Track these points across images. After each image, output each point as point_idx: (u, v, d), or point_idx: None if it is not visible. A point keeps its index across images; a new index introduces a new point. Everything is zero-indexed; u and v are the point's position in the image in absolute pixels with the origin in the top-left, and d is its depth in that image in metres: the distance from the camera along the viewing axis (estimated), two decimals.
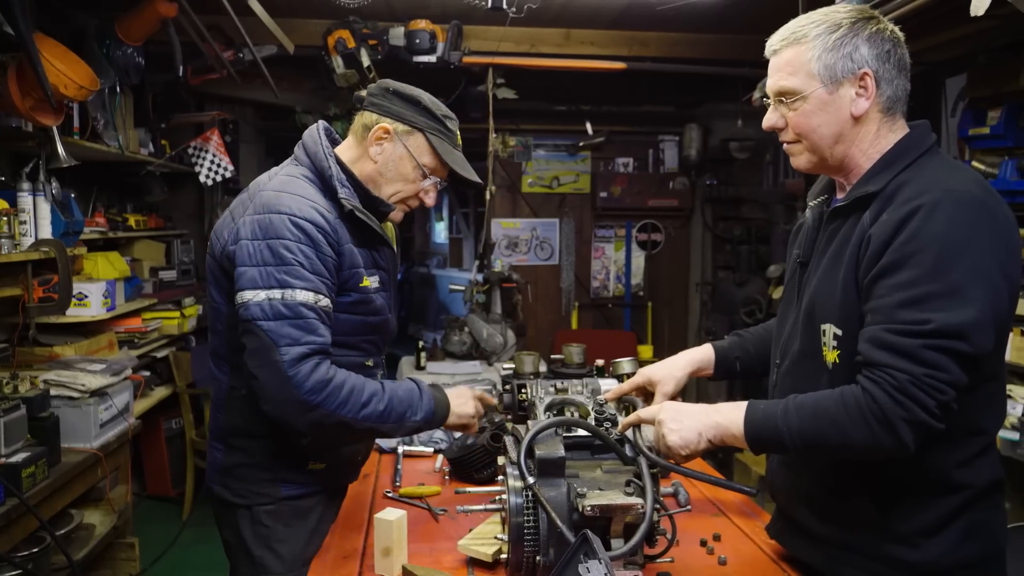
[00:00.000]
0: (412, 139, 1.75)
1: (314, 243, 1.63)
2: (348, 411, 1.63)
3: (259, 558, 1.76)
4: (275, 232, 1.61)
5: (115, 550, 3.41)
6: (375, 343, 1.87)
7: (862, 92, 1.39)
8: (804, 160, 1.48)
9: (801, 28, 1.41)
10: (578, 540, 1.16)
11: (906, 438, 1.25)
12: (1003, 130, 3.13)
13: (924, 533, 1.37)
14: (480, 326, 4.87)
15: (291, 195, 1.66)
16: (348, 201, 1.70)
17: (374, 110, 1.76)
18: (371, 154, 1.76)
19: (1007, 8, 2.22)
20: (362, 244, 1.76)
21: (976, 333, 1.24)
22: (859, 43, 1.37)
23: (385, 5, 4.04)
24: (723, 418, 1.43)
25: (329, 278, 1.66)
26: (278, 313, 1.58)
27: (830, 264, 1.43)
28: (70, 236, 3.37)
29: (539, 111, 5.92)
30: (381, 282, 1.82)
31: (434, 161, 1.76)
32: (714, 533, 1.76)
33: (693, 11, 3.95)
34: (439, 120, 1.76)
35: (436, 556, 1.66)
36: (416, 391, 1.76)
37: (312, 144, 1.77)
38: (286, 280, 1.59)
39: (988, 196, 1.32)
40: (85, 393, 3.05)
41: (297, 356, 1.57)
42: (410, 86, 1.80)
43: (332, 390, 1.61)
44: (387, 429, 1.73)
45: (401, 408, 1.71)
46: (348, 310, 1.75)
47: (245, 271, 1.61)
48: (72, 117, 3.37)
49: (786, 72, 1.42)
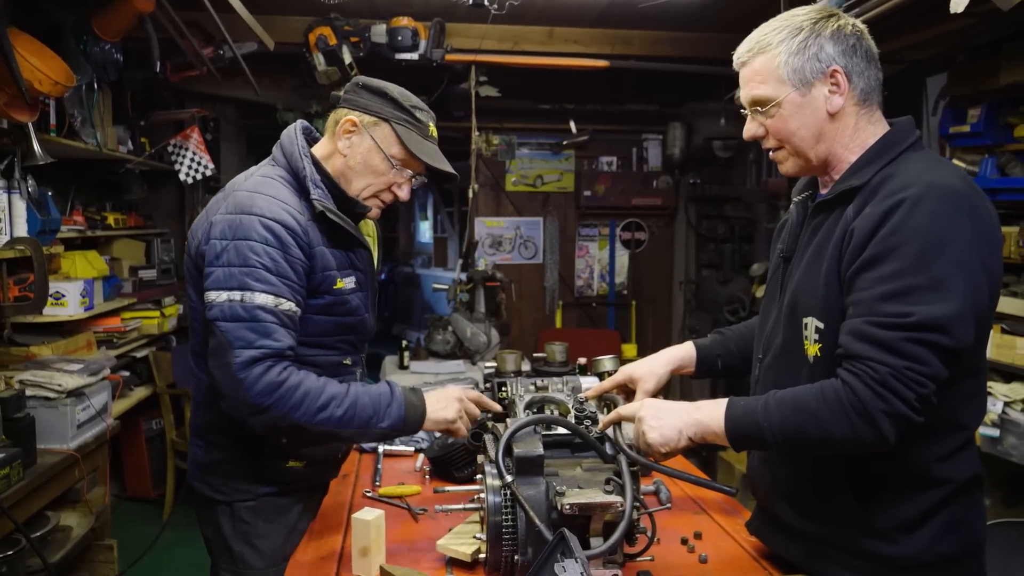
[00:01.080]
0: (379, 130, 1.73)
1: (282, 245, 1.62)
2: (302, 415, 1.60)
3: (239, 554, 1.76)
4: (244, 233, 1.60)
5: (93, 552, 3.36)
6: (352, 342, 1.86)
7: (835, 89, 1.40)
8: (791, 165, 1.49)
9: (764, 37, 1.43)
10: (555, 539, 1.15)
11: (886, 431, 1.25)
12: (983, 128, 3.14)
13: (904, 528, 1.37)
14: (464, 325, 4.85)
15: (264, 196, 1.65)
16: (320, 202, 1.69)
17: (345, 105, 1.76)
18: (340, 148, 1.75)
19: (986, 6, 2.23)
20: (337, 245, 1.75)
21: (957, 326, 1.24)
22: (823, 42, 1.39)
23: (367, 2, 4.01)
24: (704, 415, 1.42)
25: (296, 281, 1.65)
26: (235, 315, 1.58)
27: (813, 258, 1.44)
28: (47, 235, 3.32)
29: (523, 110, 5.92)
30: (358, 282, 1.80)
31: (402, 152, 1.74)
32: (695, 531, 1.76)
33: (675, 10, 3.95)
34: (407, 110, 1.74)
35: (415, 556, 1.64)
36: (386, 396, 1.70)
37: (288, 144, 1.76)
38: (246, 282, 1.59)
39: (971, 191, 1.32)
40: (62, 393, 3.01)
41: (248, 359, 1.56)
42: (382, 80, 1.79)
43: (284, 392, 1.58)
44: (349, 435, 1.69)
45: (365, 414, 1.66)
46: (322, 311, 1.74)
47: (212, 271, 1.61)
48: (48, 114, 3.33)
49: (757, 82, 1.44)
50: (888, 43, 3.31)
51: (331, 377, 1.81)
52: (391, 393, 1.71)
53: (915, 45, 3.23)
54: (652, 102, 6.04)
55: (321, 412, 1.61)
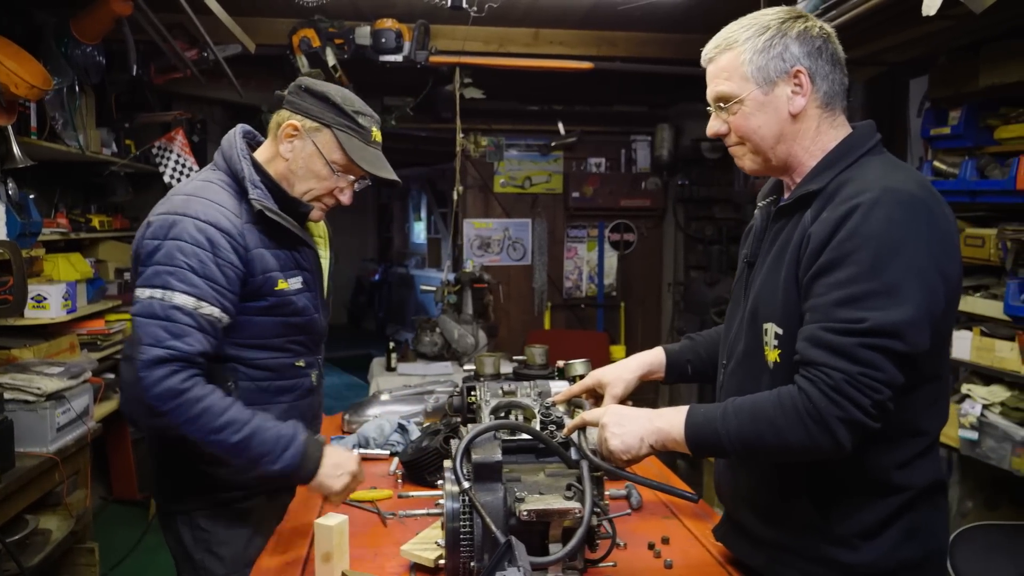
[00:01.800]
0: (320, 136, 1.73)
1: (213, 248, 1.62)
2: (195, 430, 1.57)
3: (199, 561, 1.75)
4: (175, 234, 1.61)
5: (75, 555, 3.36)
6: (304, 343, 1.86)
7: (797, 90, 1.40)
8: (749, 162, 1.49)
9: (732, 34, 1.44)
10: (503, 547, 1.14)
11: (842, 438, 1.25)
12: (963, 130, 3.14)
13: (864, 535, 1.37)
14: (451, 327, 4.84)
15: (200, 199, 1.66)
16: (258, 201, 1.69)
17: (288, 107, 1.76)
18: (282, 152, 1.75)
19: (961, 8, 2.23)
20: (280, 246, 1.75)
21: (911, 332, 1.24)
22: (788, 42, 1.39)
23: (350, 4, 4.00)
24: (664, 423, 1.42)
25: (224, 287, 1.64)
26: (151, 312, 1.58)
27: (773, 263, 1.44)
28: (27, 237, 3.31)
29: (511, 111, 5.92)
30: (305, 282, 1.80)
31: (344, 158, 1.74)
32: (663, 536, 1.75)
33: (660, 11, 3.95)
34: (349, 116, 1.74)
35: (380, 561, 1.64)
36: (286, 440, 1.64)
37: (228, 148, 1.77)
38: (168, 282, 1.59)
39: (928, 195, 1.32)
40: (41, 396, 3.00)
41: (152, 358, 1.55)
42: (325, 83, 1.79)
43: (183, 403, 1.56)
44: (237, 465, 1.64)
45: (259, 450, 1.60)
46: (265, 313, 1.74)
47: (143, 269, 1.62)
48: (29, 116, 3.32)
49: (722, 78, 1.44)
50: (867, 45, 3.32)
51: (284, 380, 1.83)
52: (292, 438, 1.65)
53: (895, 47, 3.24)
54: (640, 104, 6.04)
55: (215, 434, 1.57)
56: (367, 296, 11.50)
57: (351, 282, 11.95)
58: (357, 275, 11.87)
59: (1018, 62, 2.81)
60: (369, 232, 12.63)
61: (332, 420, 2.78)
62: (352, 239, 12.34)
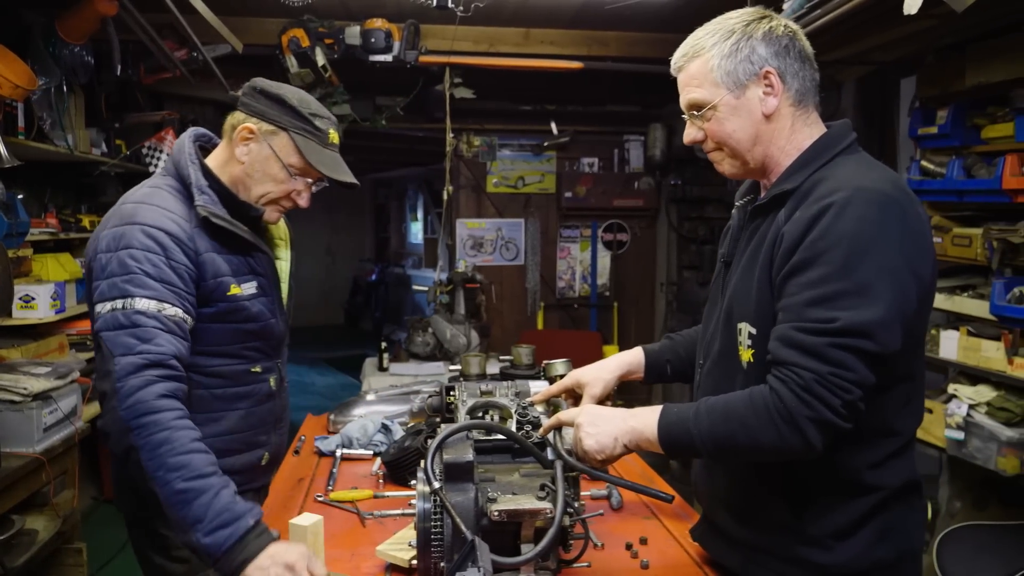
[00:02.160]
0: (277, 139, 1.71)
1: (165, 251, 1.60)
2: (148, 458, 1.46)
3: (161, 566, 1.75)
4: (125, 243, 1.59)
5: (62, 556, 3.35)
6: (259, 349, 1.84)
7: (769, 90, 1.40)
8: (728, 166, 1.49)
9: (698, 41, 1.44)
10: (467, 546, 1.14)
11: (812, 438, 1.25)
12: (950, 129, 3.14)
13: (837, 535, 1.37)
14: (444, 327, 4.85)
15: (148, 206, 1.64)
16: (204, 208, 1.67)
17: (243, 109, 1.73)
18: (237, 155, 1.72)
19: (944, 7, 2.23)
20: (231, 251, 1.74)
21: (881, 332, 1.23)
22: (755, 44, 1.39)
23: (340, 4, 4.00)
24: (638, 423, 1.42)
25: (182, 288, 1.62)
26: (117, 323, 1.55)
27: (748, 263, 1.44)
28: (14, 237, 3.31)
29: (504, 111, 5.91)
30: (259, 287, 1.79)
31: (300, 161, 1.72)
32: (641, 537, 1.75)
33: (649, 11, 3.95)
34: (305, 119, 1.71)
35: (356, 561, 1.64)
36: (228, 517, 1.45)
37: (177, 152, 1.75)
38: (127, 289, 1.56)
39: (901, 194, 1.32)
40: (27, 396, 3.00)
41: (128, 366, 1.50)
42: (280, 84, 1.76)
43: (148, 424, 1.47)
44: (171, 514, 1.47)
45: (194, 512, 1.44)
46: (216, 319, 1.71)
47: (98, 284, 1.59)
48: (16, 116, 3.31)
49: (693, 86, 1.44)
50: (854, 44, 3.32)
51: (240, 387, 1.80)
52: (236, 520, 1.45)
53: (881, 46, 3.24)
54: (633, 103, 6.04)
55: (163, 470, 1.45)
56: (364, 296, 11.50)
57: (348, 282, 11.96)
58: (354, 275, 11.88)
59: (1003, 61, 2.82)
60: (366, 232, 12.64)
61: (319, 420, 2.78)
62: (349, 239, 12.37)
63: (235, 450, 1.83)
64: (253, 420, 1.83)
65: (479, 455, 1.54)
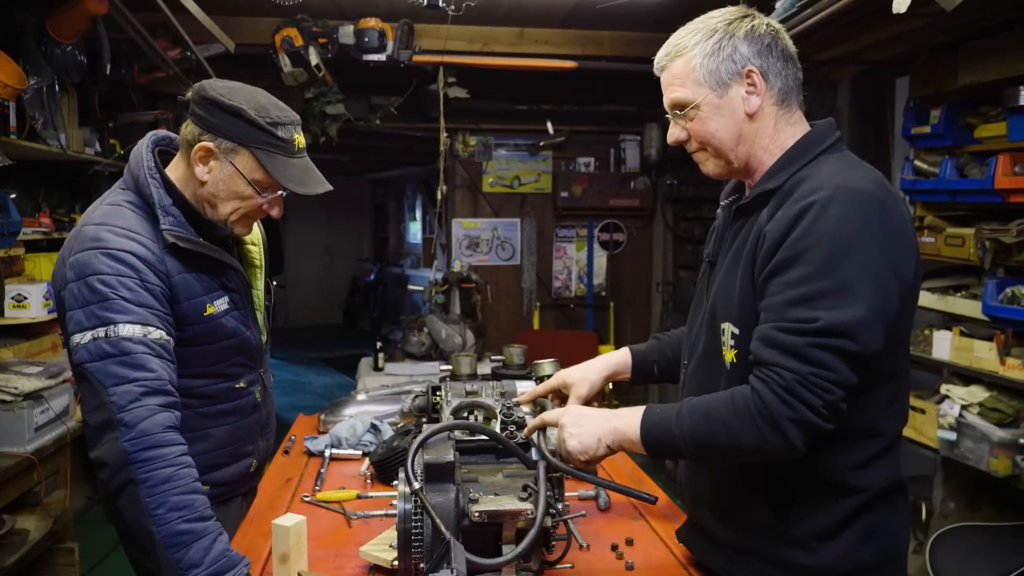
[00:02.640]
0: (238, 157, 1.59)
1: (137, 273, 1.52)
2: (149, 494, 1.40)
3: (152, 570, 1.71)
4: (92, 268, 1.49)
5: (54, 556, 3.35)
6: (242, 363, 1.79)
7: (752, 89, 1.40)
8: (712, 166, 1.49)
9: (680, 40, 1.43)
10: (442, 548, 1.14)
11: (794, 438, 1.24)
12: (943, 129, 3.13)
13: (820, 537, 1.37)
14: (439, 327, 4.84)
15: (110, 227, 1.54)
16: (171, 232, 1.58)
17: (196, 122, 1.60)
18: (198, 175, 1.61)
19: (934, 6, 2.22)
20: (202, 270, 1.66)
21: (863, 331, 1.23)
22: (737, 43, 1.39)
23: (334, 4, 4.00)
24: (621, 423, 1.41)
25: (160, 309, 1.55)
26: (102, 352, 1.46)
27: (731, 263, 1.44)
28: (6, 237, 3.31)
29: (499, 110, 5.90)
30: (232, 302, 1.72)
31: (266, 178, 1.60)
32: (627, 537, 1.74)
33: (643, 10, 3.94)
34: (266, 130, 1.57)
35: (340, 562, 1.63)
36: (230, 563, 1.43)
37: (135, 167, 1.63)
38: (107, 316, 1.47)
39: (883, 193, 1.31)
40: (18, 396, 3.00)
41: (128, 395, 1.44)
42: (232, 89, 1.60)
43: (153, 458, 1.42)
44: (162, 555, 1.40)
45: (195, 556, 1.40)
46: (196, 342, 1.65)
47: (72, 315, 1.50)
48: (8, 116, 3.31)
49: (676, 85, 1.43)
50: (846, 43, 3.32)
51: (225, 404, 1.76)
52: (232, 568, 1.44)
53: (874, 45, 3.23)
54: (629, 103, 6.03)
55: (165, 508, 1.40)
56: (362, 296, 11.50)
57: (346, 282, 11.96)
58: (352, 275, 11.88)
59: (996, 60, 2.81)
60: (364, 232, 12.63)
61: (309, 420, 2.78)
62: (347, 239, 12.37)
63: (223, 463, 1.80)
64: (240, 433, 1.79)
65: (463, 455, 1.54)
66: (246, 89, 1.62)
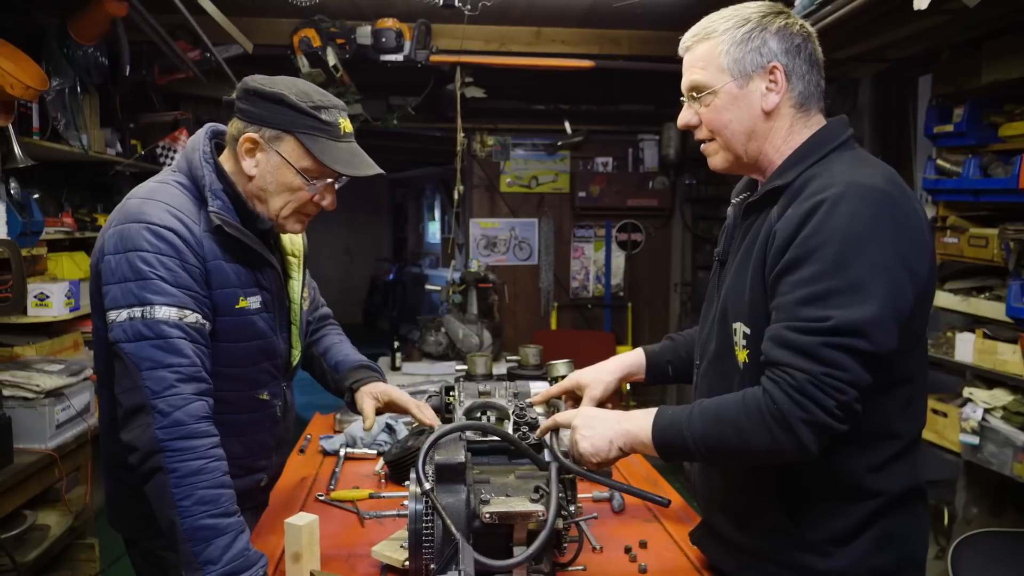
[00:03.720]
0: (284, 145, 1.55)
1: (177, 253, 1.49)
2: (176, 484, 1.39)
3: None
4: (133, 244, 1.46)
5: (74, 551, 3.39)
6: (267, 371, 1.73)
7: (772, 86, 1.38)
8: (720, 159, 1.47)
9: (711, 23, 1.41)
10: (451, 548, 1.13)
11: (806, 440, 1.22)
12: (966, 128, 3.09)
13: (836, 541, 1.35)
14: (456, 326, 4.85)
15: (154, 202, 1.52)
16: (218, 215, 1.55)
17: (241, 117, 1.58)
18: (245, 169, 1.57)
19: (956, 3, 2.19)
20: (239, 261, 1.61)
21: (876, 331, 1.21)
22: (767, 37, 1.37)
23: (351, 4, 4.01)
24: (633, 425, 1.40)
25: (198, 292, 1.52)
26: (138, 333, 1.44)
27: (742, 261, 1.42)
28: (29, 236, 3.35)
29: (517, 110, 5.90)
30: (264, 303, 1.67)
31: (315, 164, 1.56)
32: (641, 540, 1.73)
33: (661, 9, 3.92)
34: (309, 115, 1.54)
35: (352, 562, 1.63)
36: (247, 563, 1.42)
37: (191, 150, 1.61)
38: (145, 296, 1.45)
39: (895, 190, 1.29)
40: (40, 394, 3.03)
41: (162, 382, 1.42)
42: (275, 80, 1.58)
43: (185, 449, 1.40)
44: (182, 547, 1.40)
45: (213, 553, 1.39)
46: (227, 337, 1.60)
47: (109, 289, 1.47)
48: (31, 117, 3.35)
49: (697, 67, 1.41)
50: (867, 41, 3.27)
51: (246, 413, 1.70)
52: (248, 568, 1.43)
53: (895, 43, 3.19)
54: (647, 102, 6.00)
55: (190, 501, 1.39)
56: (382, 295, 11.54)
57: (366, 281, 12.01)
58: (372, 275, 11.93)
59: (1020, 57, 2.76)
60: (384, 232, 12.69)
61: (325, 419, 2.79)
62: (367, 239, 12.42)
63: (232, 475, 1.68)
64: (255, 447, 1.74)
65: (475, 456, 1.54)
66: (287, 78, 1.60)
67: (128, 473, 1.53)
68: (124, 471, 1.59)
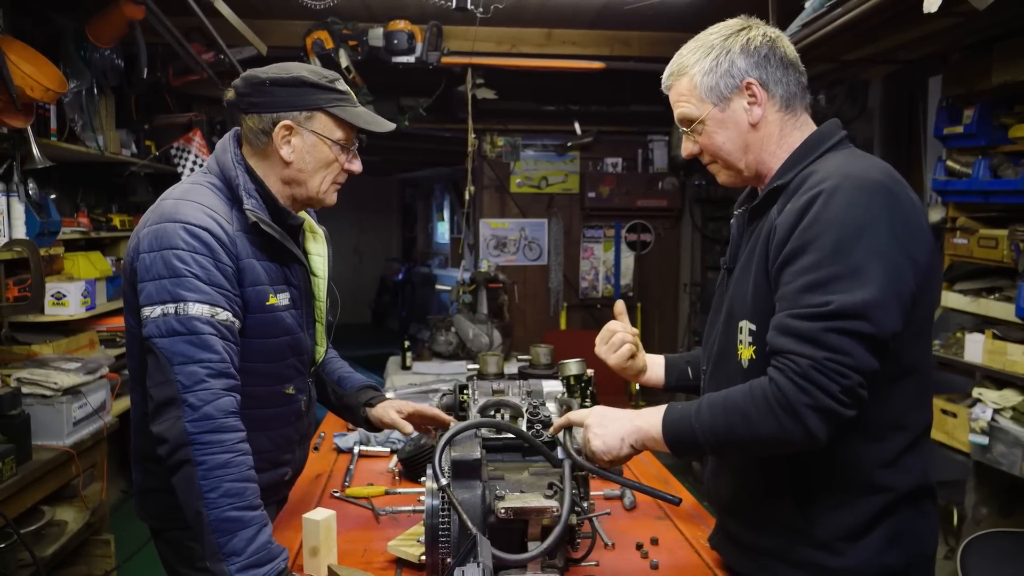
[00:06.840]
0: (316, 122, 1.64)
1: (211, 252, 1.54)
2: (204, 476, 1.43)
3: (186, 574, 1.73)
4: (168, 242, 1.52)
5: (91, 546, 3.43)
6: (294, 367, 1.77)
7: (753, 100, 1.43)
8: (725, 177, 1.53)
9: (682, 59, 1.48)
10: (468, 542, 1.16)
11: (813, 426, 1.23)
12: (976, 129, 3.09)
13: (846, 538, 1.36)
14: (466, 326, 4.87)
15: (189, 203, 1.57)
16: (253, 212, 1.61)
17: (261, 110, 1.63)
18: (283, 156, 1.64)
19: (966, 5, 2.20)
20: (270, 258, 1.68)
21: (877, 312, 1.23)
22: (734, 58, 1.42)
23: (363, 6, 4.05)
24: (643, 422, 1.42)
25: (230, 290, 1.56)
26: (171, 329, 1.49)
27: (746, 262, 1.46)
28: (46, 236, 3.40)
29: (527, 111, 5.92)
30: (292, 300, 1.72)
31: (345, 131, 1.67)
32: (652, 537, 1.75)
33: (672, 11, 3.94)
34: (330, 89, 1.64)
35: (368, 557, 1.66)
36: (264, 557, 1.45)
37: (221, 152, 1.68)
38: (179, 293, 1.50)
39: (890, 180, 1.32)
40: (57, 391, 3.07)
41: (193, 376, 1.46)
42: (280, 67, 1.65)
43: (213, 443, 1.44)
44: (207, 539, 1.43)
45: (237, 545, 1.42)
46: (257, 333, 1.65)
47: (144, 286, 1.52)
48: (49, 119, 3.40)
49: (682, 103, 1.48)
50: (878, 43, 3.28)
51: (273, 408, 1.74)
52: (271, 560, 1.46)
53: (905, 45, 3.19)
54: (657, 103, 5.99)
55: (216, 494, 1.43)
56: (391, 295, 11.58)
57: (375, 281, 12.06)
58: (381, 274, 11.97)
59: None
60: (393, 231, 12.73)
61: (337, 418, 2.81)
62: (376, 238, 12.46)
63: (260, 469, 1.72)
64: (281, 440, 1.78)
65: (490, 453, 1.57)
66: (277, 65, 1.68)
67: (157, 465, 1.57)
68: (154, 463, 1.63)
